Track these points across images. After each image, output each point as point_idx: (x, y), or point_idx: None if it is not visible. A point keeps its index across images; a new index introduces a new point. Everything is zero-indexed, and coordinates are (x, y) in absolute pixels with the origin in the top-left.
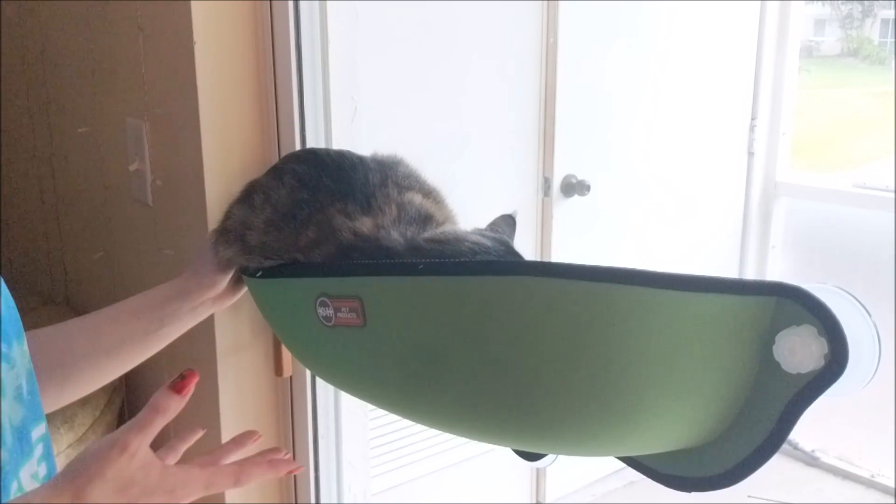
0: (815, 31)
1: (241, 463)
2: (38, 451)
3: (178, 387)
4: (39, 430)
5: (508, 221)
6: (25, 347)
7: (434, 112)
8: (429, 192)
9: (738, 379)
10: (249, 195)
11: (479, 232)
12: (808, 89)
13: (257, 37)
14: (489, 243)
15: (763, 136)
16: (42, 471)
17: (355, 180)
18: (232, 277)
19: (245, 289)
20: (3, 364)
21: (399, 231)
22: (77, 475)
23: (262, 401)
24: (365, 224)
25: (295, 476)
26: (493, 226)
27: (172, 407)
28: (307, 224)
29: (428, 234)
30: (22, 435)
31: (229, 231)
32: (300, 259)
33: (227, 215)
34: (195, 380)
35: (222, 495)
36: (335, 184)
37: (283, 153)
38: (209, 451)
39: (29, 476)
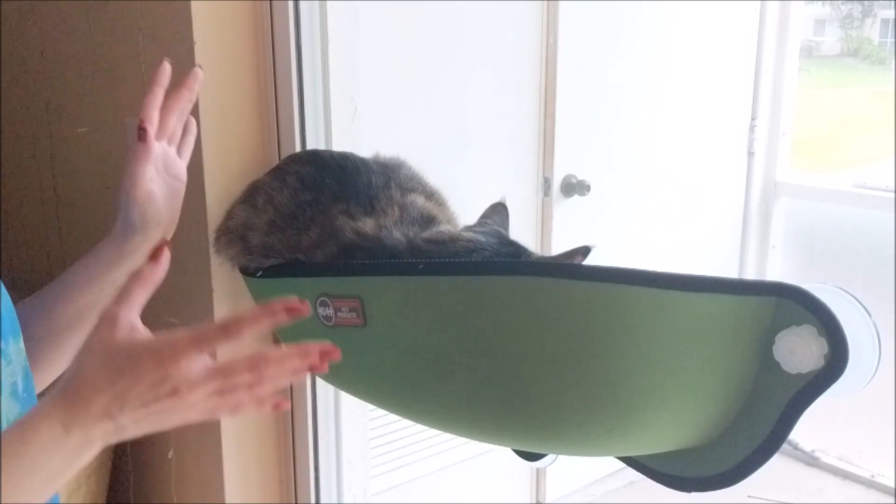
0: (815, 31)
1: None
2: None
3: (152, 256)
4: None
5: (498, 209)
6: (21, 345)
7: (434, 112)
8: (431, 194)
9: (739, 378)
10: (252, 196)
11: (470, 228)
12: (808, 89)
13: (257, 37)
14: (483, 238)
15: (763, 136)
16: None
17: (358, 182)
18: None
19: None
20: (1, 361)
21: (401, 231)
22: (66, 374)
23: None
24: (367, 224)
25: (295, 476)
26: (484, 217)
27: (150, 275)
28: (310, 225)
29: (426, 234)
30: None
31: (231, 231)
32: (302, 259)
33: (229, 215)
34: (167, 246)
35: (222, 493)
36: (338, 185)
37: (283, 153)
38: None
39: None
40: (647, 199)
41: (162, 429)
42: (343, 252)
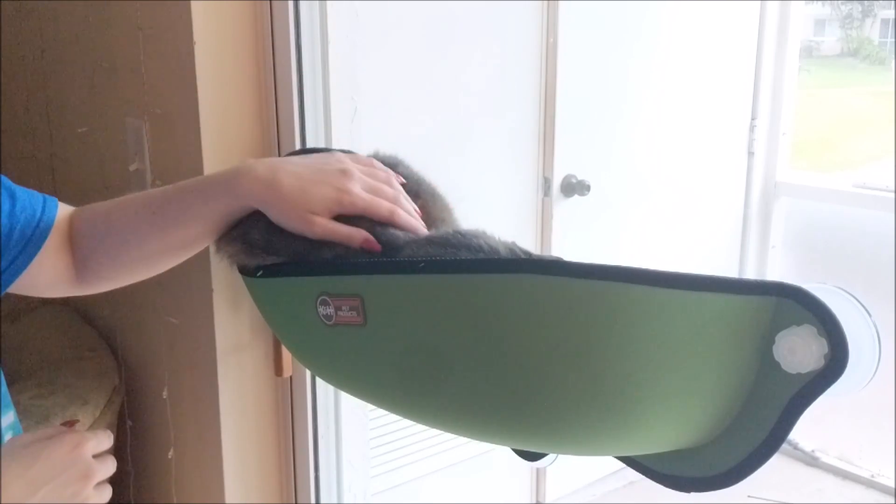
0: (815, 31)
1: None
2: (7, 439)
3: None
4: (8, 418)
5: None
6: None
7: (434, 112)
8: (429, 192)
9: (738, 378)
10: None
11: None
12: (808, 89)
13: (257, 37)
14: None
15: (763, 136)
16: None
17: None
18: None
19: None
20: None
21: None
22: None
23: (262, 401)
24: (363, 221)
25: (295, 476)
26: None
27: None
28: None
29: (431, 234)
30: None
31: (231, 229)
32: (302, 258)
33: None
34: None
35: (222, 493)
36: None
37: (283, 153)
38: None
39: None
40: (647, 198)
41: None
42: (343, 251)
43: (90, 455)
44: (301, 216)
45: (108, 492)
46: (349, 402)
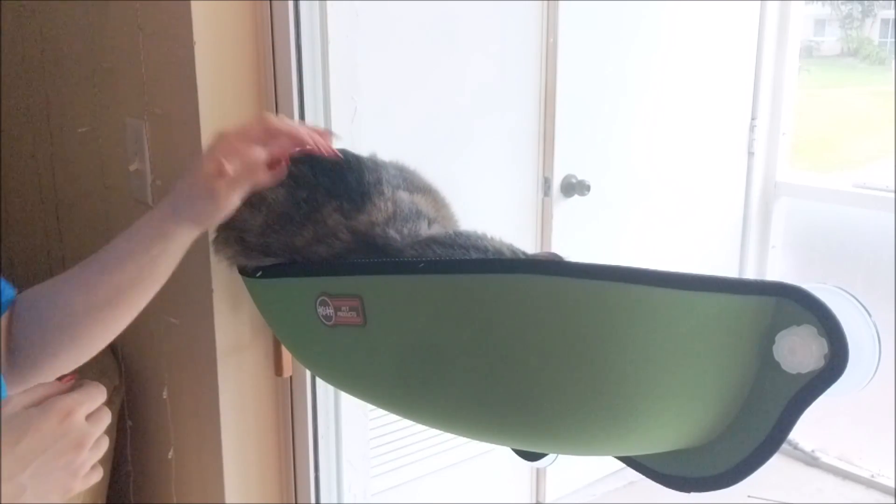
0: (815, 31)
1: None
2: None
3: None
4: None
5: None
6: None
7: (434, 112)
8: (425, 191)
9: (738, 378)
10: (247, 196)
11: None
12: (808, 89)
13: (257, 37)
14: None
15: (763, 136)
16: None
17: (350, 179)
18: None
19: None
20: None
21: (395, 228)
22: None
23: (262, 401)
24: (361, 222)
25: (295, 476)
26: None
27: (59, 388)
28: (304, 223)
29: (432, 232)
30: None
31: (229, 231)
32: (299, 259)
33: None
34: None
35: (222, 493)
36: (331, 182)
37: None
38: None
39: None
40: (647, 199)
41: (63, 494)
42: (339, 252)
43: (83, 419)
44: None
45: (98, 472)
46: (349, 402)
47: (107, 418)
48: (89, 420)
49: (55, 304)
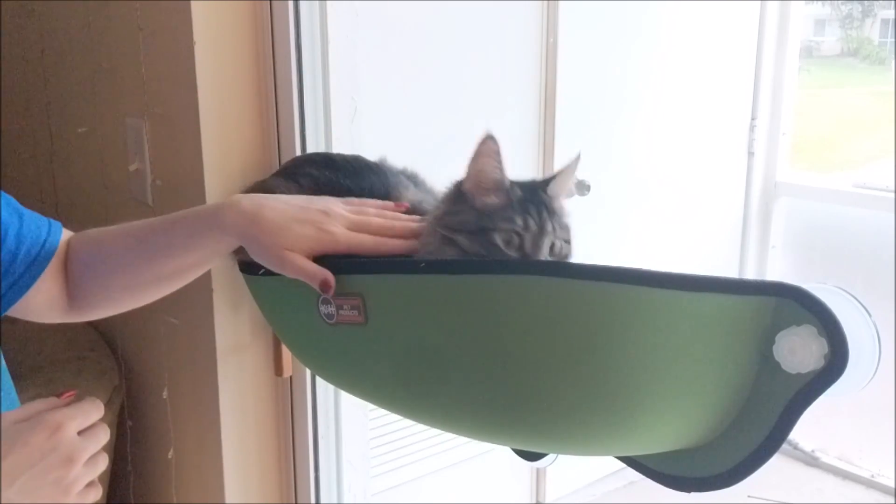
0: (815, 31)
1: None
2: None
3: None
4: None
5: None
6: None
7: (434, 112)
8: (430, 194)
9: (738, 378)
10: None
11: None
12: (808, 89)
13: (257, 37)
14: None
15: (763, 136)
16: None
17: (373, 182)
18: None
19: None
20: None
21: None
22: None
23: (262, 401)
24: None
25: (295, 476)
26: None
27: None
28: None
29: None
30: None
31: None
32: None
33: None
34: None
35: (222, 493)
36: (353, 185)
37: (284, 153)
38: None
39: None
40: (647, 199)
41: None
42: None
43: (74, 434)
44: (276, 253)
45: (97, 492)
46: (349, 402)
47: (104, 435)
48: (83, 436)
49: (115, 264)
